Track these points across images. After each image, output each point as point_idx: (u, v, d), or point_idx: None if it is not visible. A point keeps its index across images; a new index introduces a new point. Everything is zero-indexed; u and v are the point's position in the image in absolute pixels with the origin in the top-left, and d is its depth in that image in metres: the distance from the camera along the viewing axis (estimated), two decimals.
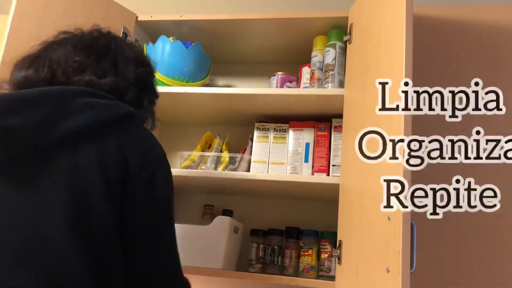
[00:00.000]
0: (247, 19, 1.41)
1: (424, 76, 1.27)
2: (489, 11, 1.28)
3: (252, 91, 1.33)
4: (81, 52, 0.85)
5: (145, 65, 0.94)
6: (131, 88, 0.87)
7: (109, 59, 0.87)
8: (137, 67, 0.90)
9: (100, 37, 0.90)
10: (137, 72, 0.89)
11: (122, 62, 0.88)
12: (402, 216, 0.84)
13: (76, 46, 0.86)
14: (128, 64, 0.89)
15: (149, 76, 0.95)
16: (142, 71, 0.91)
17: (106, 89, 0.82)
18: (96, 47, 0.87)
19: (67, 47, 0.86)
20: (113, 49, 0.89)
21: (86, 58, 0.85)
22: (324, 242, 1.31)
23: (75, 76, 0.82)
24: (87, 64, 0.84)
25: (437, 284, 1.14)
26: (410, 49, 0.93)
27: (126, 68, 0.88)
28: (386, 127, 0.96)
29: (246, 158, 1.40)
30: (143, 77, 0.91)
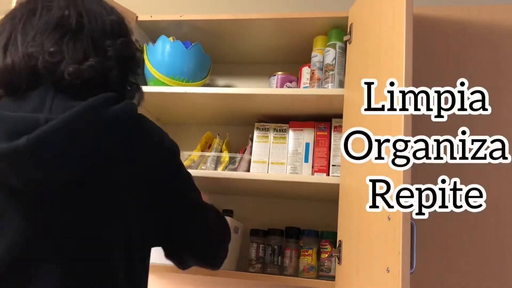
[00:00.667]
0: (247, 19, 1.41)
1: (424, 76, 1.27)
2: (489, 11, 1.28)
3: (252, 91, 1.33)
4: (52, 35, 0.78)
5: (123, 35, 0.86)
6: (113, 65, 0.81)
7: (85, 36, 0.80)
8: (114, 40, 0.83)
9: (69, 8, 0.81)
10: (116, 46, 0.82)
11: (99, 36, 0.81)
12: (402, 216, 0.84)
13: (45, 28, 0.78)
14: (105, 38, 0.82)
15: (128, 47, 0.87)
16: (120, 43, 0.84)
17: (92, 74, 0.77)
18: (67, 25, 0.79)
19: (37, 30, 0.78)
20: (87, 22, 0.81)
21: (61, 44, 0.77)
22: (324, 242, 1.31)
23: (57, 68, 0.76)
24: (64, 51, 0.77)
25: (437, 284, 1.14)
26: (410, 49, 0.93)
27: (104, 43, 0.81)
28: (386, 127, 0.96)
29: (246, 158, 1.40)
30: (124, 50, 0.84)
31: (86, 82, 0.77)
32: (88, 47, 0.80)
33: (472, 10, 1.30)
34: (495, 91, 1.23)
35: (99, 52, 0.80)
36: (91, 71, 0.77)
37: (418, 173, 1.19)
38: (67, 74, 0.76)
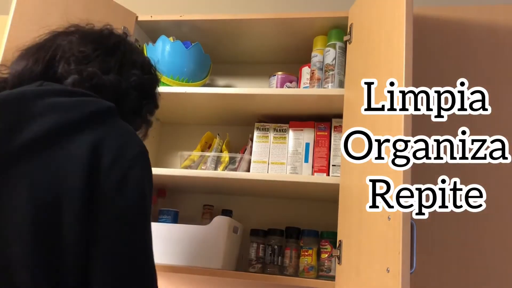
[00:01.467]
0: (247, 19, 1.41)
1: (424, 76, 1.27)
2: (489, 11, 1.28)
3: (252, 91, 1.33)
4: (88, 44, 0.82)
5: (151, 73, 0.91)
6: (132, 92, 0.83)
7: (116, 57, 0.83)
8: (142, 73, 0.87)
9: (111, 36, 0.87)
10: (142, 78, 0.86)
11: (128, 64, 0.85)
12: (402, 216, 0.84)
13: (84, 37, 0.83)
14: (134, 67, 0.85)
15: (152, 85, 0.91)
16: (147, 77, 0.88)
17: (107, 85, 0.78)
18: (104, 43, 0.84)
19: (74, 37, 0.82)
20: (121, 49, 0.85)
21: (92, 51, 0.81)
22: (324, 242, 1.31)
23: (77, 66, 0.78)
24: (93, 57, 0.80)
25: (437, 284, 1.14)
26: (410, 49, 0.93)
27: (131, 70, 0.84)
28: (386, 127, 0.96)
29: (246, 158, 1.40)
30: (147, 84, 0.88)
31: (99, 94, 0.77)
32: (115, 66, 0.82)
33: (472, 10, 1.30)
34: (495, 91, 1.23)
35: (123, 74, 0.82)
36: (107, 83, 0.79)
37: (419, 173, 1.19)
38: (86, 73, 0.77)
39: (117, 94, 0.80)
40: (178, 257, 1.27)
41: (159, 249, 1.29)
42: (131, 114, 0.83)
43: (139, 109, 0.86)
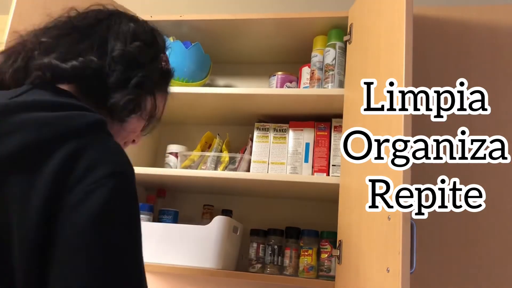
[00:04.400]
0: (247, 19, 1.41)
1: (424, 76, 1.27)
2: (489, 11, 1.28)
3: (252, 91, 1.33)
4: (53, 32, 0.75)
5: (140, 40, 0.78)
6: (116, 67, 0.73)
7: (94, 37, 0.75)
8: (127, 43, 0.76)
9: (90, 15, 0.78)
10: (125, 49, 0.75)
11: (112, 38, 0.76)
12: (402, 216, 0.84)
13: (51, 27, 0.76)
14: (119, 40, 0.76)
15: (143, 54, 0.78)
16: (133, 47, 0.76)
17: (71, 72, 0.70)
18: (77, 26, 0.76)
19: (39, 30, 0.76)
20: (104, 26, 0.76)
21: (57, 38, 0.73)
22: (324, 242, 1.31)
23: (38, 60, 0.70)
24: (55, 45, 0.72)
25: (437, 284, 1.14)
26: (410, 49, 0.93)
27: (114, 44, 0.75)
28: (386, 127, 0.96)
29: (246, 158, 1.40)
30: (133, 53, 0.76)
31: (78, 84, 0.71)
32: (90, 47, 0.73)
33: (472, 10, 1.30)
34: (495, 91, 1.24)
35: (103, 53, 0.74)
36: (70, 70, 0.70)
37: (419, 173, 1.19)
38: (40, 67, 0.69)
39: (94, 76, 0.71)
40: (178, 257, 1.28)
41: (159, 249, 1.29)
42: (118, 91, 0.73)
43: (126, 83, 0.74)
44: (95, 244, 0.56)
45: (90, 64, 0.71)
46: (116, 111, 0.74)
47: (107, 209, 0.58)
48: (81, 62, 0.71)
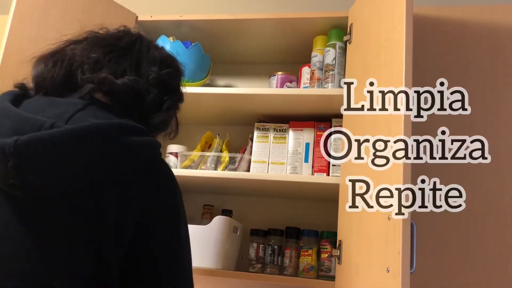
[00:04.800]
0: (247, 19, 1.41)
1: (424, 75, 1.27)
2: (489, 11, 1.28)
3: (252, 91, 1.33)
4: (99, 49, 0.81)
5: (171, 67, 0.88)
6: (152, 89, 0.81)
7: (131, 58, 0.82)
8: (160, 68, 0.85)
9: (124, 36, 0.86)
10: (160, 73, 0.84)
11: (145, 62, 0.83)
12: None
13: (95, 43, 0.82)
14: (152, 64, 0.84)
15: (173, 78, 0.89)
16: (166, 73, 0.85)
17: (122, 88, 0.78)
18: (117, 45, 0.83)
19: (86, 44, 0.82)
20: (136, 48, 0.84)
21: (103, 55, 0.80)
22: (324, 242, 1.31)
23: (90, 73, 0.77)
24: (104, 62, 0.79)
25: (437, 284, 1.14)
26: (410, 49, 0.93)
27: (148, 68, 0.83)
28: (385, 128, 0.96)
29: (246, 158, 1.40)
30: (166, 79, 0.85)
31: (118, 99, 0.78)
32: (131, 67, 0.81)
33: (472, 10, 1.30)
34: (495, 91, 1.24)
35: (140, 74, 0.81)
36: (122, 86, 0.77)
37: (420, 173, 1.19)
38: (96, 80, 0.76)
39: (136, 95, 0.79)
40: None
41: None
42: (153, 112, 0.82)
43: (161, 106, 0.84)
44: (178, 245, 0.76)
45: (135, 84, 0.79)
46: (153, 130, 0.84)
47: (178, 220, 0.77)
48: (130, 81, 0.78)
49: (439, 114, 1.23)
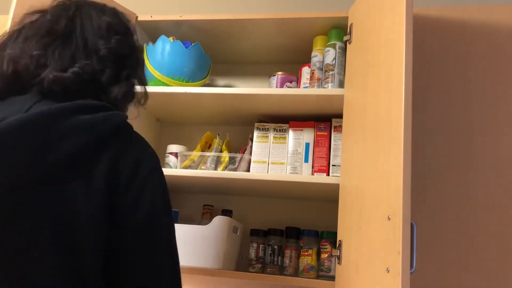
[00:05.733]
0: (247, 19, 1.41)
1: (424, 75, 1.27)
2: (489, 11, 1.28)
3: (252, 91, 1.33)
4: (39, 41, 0.77)
5: (118, 33, 0.83)
6: (106, 65, 0.78)
7: (75, 39, 0.78)
8: (108, 38, 0.80)
9: (61, 14, 0.80)
10: (109, 46, 0.79)
11: (91, 36, 0.79)
12: (402, 216, 0.84)
13: (34, 34, 0.78)
14: (98, 37, 0.79)
15: (124, 45, 0.83)
16: (115, 41, 0.80)
17: (74, 79, 0.74)
18: (56, 30, 0.78)
19: (26, 38, 0.78)
20: (78, 24, 0.79)
21: (45, 48, 0.76)
22: (324, 242, 1.31)
23: (37, 72, 0.75)
24: (48, 55, 0.76)
25: (437, 284, 1.14)
26: (410, 49, 0.93)
27: (96, 43, 0.78)
28: (386, 127, 0.96)
29: (246, 158, 1.40)
30: (117, 49, 0.80)
31: (73, 88, 0.75)
32: (78, 50, 0.77)
33: (472, 10, 1.30)
34: (495, 91, 1.24)
35: (90, 53, 0.78)
36: (74, 78, 0.75)
37: (419, 174, 1.19)
38: (46, 82, 0.73)
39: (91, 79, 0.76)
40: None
41: None
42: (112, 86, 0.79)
43: (119, 78, 0.80)
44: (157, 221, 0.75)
45: (87, 68, 0.76)
46: (117, 105, 0.80)
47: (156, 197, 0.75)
48: (80, 68, 0.76)
49: (438, 115, 1.24)
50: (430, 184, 1.20)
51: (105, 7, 0.86)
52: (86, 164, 0.69)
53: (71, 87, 0.75)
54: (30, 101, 0.73)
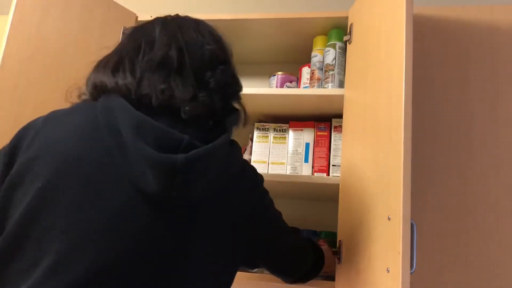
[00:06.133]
0: (247, 19, 1.41)
1: (424, 75, 1.27)
2: (489, 11, 1.28)
3: (252, 91, 1.33)
4: (160, 74, 0.78)
5: (222, 63, 0.84)
6: (215, 96, 0.79)
7: (189, 73, 0.79)
8: (214, 69, 0.81)
9: (171, 50, 0.80)
10: (217, 77, 0.80)
11: (200, 69, 0.80)
12: (402, 216, 0.84)
13: (151, 66, 0.78)
14: (206, 69, 0.80)
15: (227, 73, 0.84)
16: (220, 71, 0.82)
17: (205, 109, 0.77)
18: (170, 65, 0.79)
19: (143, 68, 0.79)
20: (187, 60, 0.80)
21: (168, 82, 0.77)
22: (324, 242, 1.31)
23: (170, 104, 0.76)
24: (174, 89, 0.77)
25: (437, 284, 1.14)
26: (410, 49, 0.93)
27: (205, 75, 0.80)
28: (386, 127, 0.96)
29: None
30: (224, 79, 0.82)
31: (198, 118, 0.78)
32: (193, 82, 0.78)
33: (472, 10, 1.30)
34: (495, 91, 1.24)
35: (202, 85, 0.79)
36: (203, 107, 0.77)
37: (419, 175, 1.19)
38: (183, 113, 0.75)
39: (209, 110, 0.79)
40: None
41: None
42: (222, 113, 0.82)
43: (227, 103, 0.84)
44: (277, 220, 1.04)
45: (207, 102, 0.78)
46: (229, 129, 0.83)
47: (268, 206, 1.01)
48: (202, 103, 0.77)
49: (438, 115, 1.24)
50: (430, 184, 1.20)
51: (206, 32, 0.89)
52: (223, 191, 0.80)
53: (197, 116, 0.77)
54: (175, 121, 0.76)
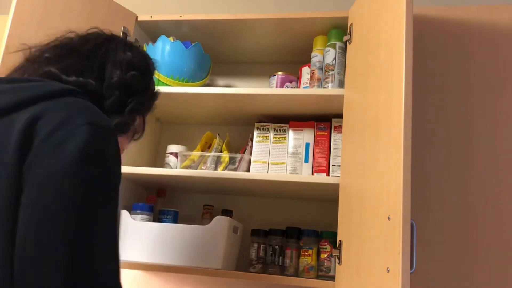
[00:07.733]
0: (247, 19, 1.41)
1: (424, 75, 1.27)
2: (489, 11, 1.28)
3: (252, 91, 1.33)
4: (56, 50, 0.82)
5: (137, 69, 0.87)
6: (114, 92, 0.82)
7: (92, 61, 0.82)
8: (126, 71, 0.84)
9: (91, 39, 0.86)
10: (123, 77, 0.84)
11: (110, 64, 0.84)
12: (402, 216, 0.84)
13: (54, 46, 0.84)
14: (116, 67, 0.84)
15: (138, 81, 0.87)
16: (130, 75, 0.85)
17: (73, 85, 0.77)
18: (77, 49, 0.83)
19: (45, 45, 0.84)
20: (103, 51, 0.84)
21: (59, 57, 0.81)
22: (324, 242, 1.31)
23: (40, 70, 0.79)
24: (57, 61, 0.80)
25: (437, 284, 1.14)
26: (410, 49, 0.93)
27: (113, 71, 0.83)
28: (386, 127, 0.96)
29: (246, 158, 1.40)
30: (130, 82, 0.85)
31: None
32: (91, 70, 0.81)
33: (472, 10, 1.30)
34: (495, 90, 1.24)
35: (101, 78, 0.81)
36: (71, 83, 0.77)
37: (420, 176, 1.19)
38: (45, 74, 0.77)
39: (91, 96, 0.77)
40: (178, 257, 1.27)
41: (159, 249, 1.29)
42: (113, 114, 0.81)
43: (122, 108, 0.83)
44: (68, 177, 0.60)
45: (89, 85, 0.79)
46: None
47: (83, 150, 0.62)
48: (83, 80, 0.79)
49: (438, 115, 1.24)
50: (430, 184, 1.20)
51: (132, 45, 0.91)
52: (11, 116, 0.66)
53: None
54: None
